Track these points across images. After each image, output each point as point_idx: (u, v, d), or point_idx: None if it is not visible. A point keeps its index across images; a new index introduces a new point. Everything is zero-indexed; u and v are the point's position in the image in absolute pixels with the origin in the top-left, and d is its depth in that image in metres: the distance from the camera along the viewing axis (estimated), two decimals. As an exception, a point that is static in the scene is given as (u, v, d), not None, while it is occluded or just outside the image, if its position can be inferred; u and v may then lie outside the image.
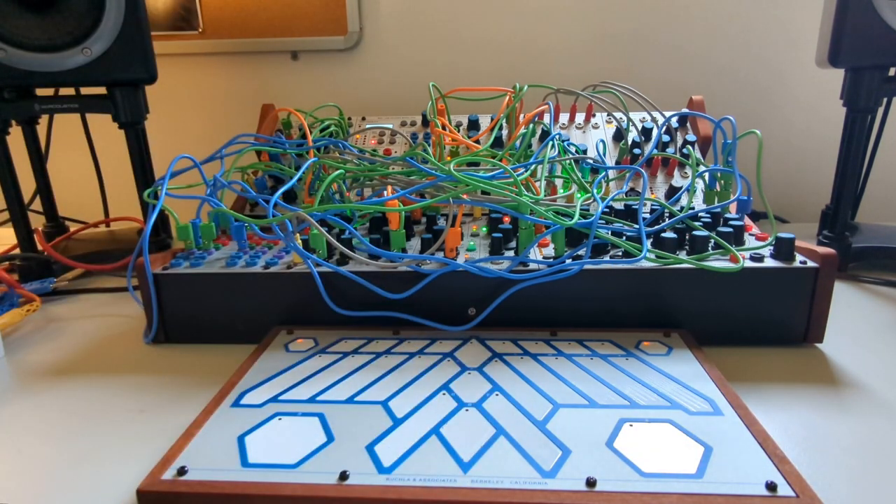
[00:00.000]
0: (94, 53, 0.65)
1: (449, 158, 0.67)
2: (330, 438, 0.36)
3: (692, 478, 0.32)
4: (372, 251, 0.52)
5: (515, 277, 0.49)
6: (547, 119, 0.76)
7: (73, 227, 0.89)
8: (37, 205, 0.86)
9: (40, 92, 0.71)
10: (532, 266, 0.51)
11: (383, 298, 0.50)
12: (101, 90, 0.69)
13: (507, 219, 0.60)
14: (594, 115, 0.80)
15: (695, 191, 0.66)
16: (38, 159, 0.82)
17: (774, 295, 0.50)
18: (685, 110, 0.77)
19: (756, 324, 0.51)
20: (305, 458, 0.34)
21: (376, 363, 0.46)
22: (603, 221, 0.55)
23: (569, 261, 0.50)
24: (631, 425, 0.37)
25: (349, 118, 0.83)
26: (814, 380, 0.46)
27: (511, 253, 0.54)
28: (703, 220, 0.58)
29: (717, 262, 0.50)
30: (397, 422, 0.38)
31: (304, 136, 0.73)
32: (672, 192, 0.68)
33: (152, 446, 0.39)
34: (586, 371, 0.44)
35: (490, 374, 0.44)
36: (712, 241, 0.53)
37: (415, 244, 0.58)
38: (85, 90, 0.72)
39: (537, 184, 0.57)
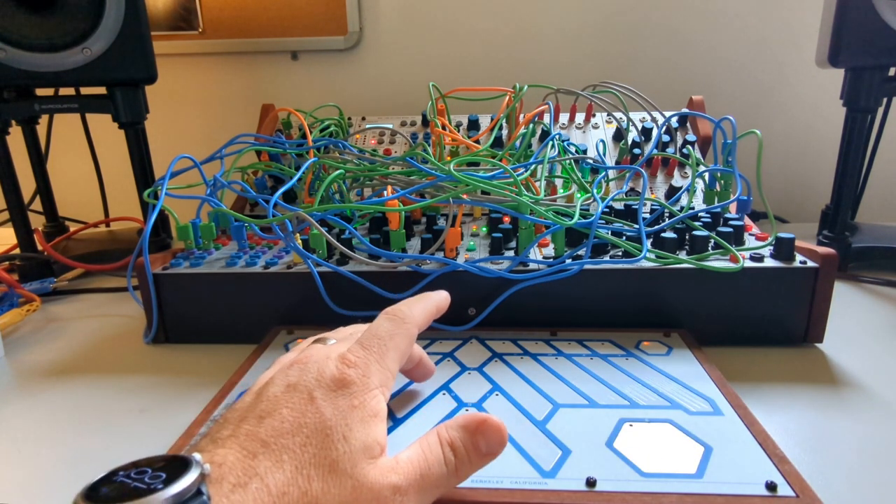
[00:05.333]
0: (94, 53, 0.65)
1: (449, 158, 0.67)
2: (330, 438, 0.36)
3: (692, 478, 0.32)
4: (372, 251, 0.52)
5: (515, 277, 0.49)
6: (547, 119, 0.76)
7: (73, 227, 0.89)
8: (37, 205, 0.86)
9: (40, 92, 0.71)
10: (532, 266, 0.51)
11: (383, 298, 0.50)
12: (101, 90, 0.69)
13: (507, 219, 0.60)
14: (594, 115, 0.80)
15: (695, 191, 0.66)
16: (38, 159, 0.83)
17: (774, 295, 0.50)
18: (685, 110, 0.77)
19: (756, 324, 0.51)
20: (305, 458, 0.34)
21: (376, 363, 0.46)
22: (603, 221, 0.55)
23: (569, 261, 0.50)
24: (631, 425, 0.37)
25: (349, 118, 0.83)
26: (814, 380, 0.46)
27: (511, 253, 0.54)
28: (703, 220, 0.58)
29: (717, 262, 0.50)
30: (397, 422, 0.38)
31: (304, 136, 0.73)
32: (672, 192, 0.68)
33: (152, 446, 0.39)
34: (586, 371, 0.44)
35: (490, 374, 0.44)
36: (712, 241, 0.53)
37: (415, 244, 0.58)
38: (85, 90, 0.72)
39: (537, 184, 0.57)
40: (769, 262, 0.50)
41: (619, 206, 0.59)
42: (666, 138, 0.75)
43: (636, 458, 0.34)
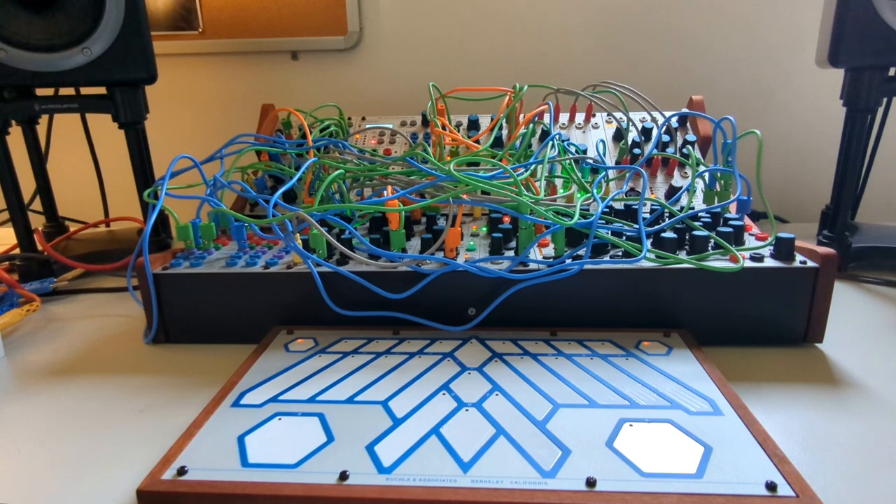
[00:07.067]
0: (94, 53, 0.65)
1: (449, 158, 0.67)
2: (330, 438, 0.36)
3: (692, 478, 0.32)
4: (372, 251, 0.52)
5: (515, 277, 0.49)
6: (547, 119, 0.76)
7: (73, 227, 0.89)
8: (37, 205, 0.86)
9: (40, 92, 0.71)
10: (532, 266, 0.51)
11: (383, 298, 0.50)
12: (101, 90, 0.69)
13: (507, 219, 0.60)
14: (594, 115, 0.80)
15: (695, 191, 0.66)
16: (38, 159, 0.82)
17: (774, 295, 0.50)
18: (685, 110, 0.77)
19: (756, 324, 0.51)
20: (305, 458, 0.34)
21: (376, 363, 0.46)
22: (603, 221, 0.55)
23: (569, 261, 0.50)
24: (631, 425, 0.37)
25: (349, 118, 0.83)
26: (814, 380, 0.46)
27: (511, 253, 0.54)
28: (703, 220, 0.58)
29: (717, 262, 0.50)
30: (397, 422, 0.38)
31: (304, 136, 0.73)
32: (672, 192, 0.68)
33: (152, 446, 0.39)
34: (586, 371, 0.44)
35: (490, 374, 0.44)
36: (712, 241, 0.53)
37: (415, 244, 0.58)
38: (85, 90, 0.72)
39: (537, 184, 0.57)
40: (769, 262, 0.50)
41: (619, 206, 0.59)
42: (666, 138, 0.75)
43: (636, 458, 0.34)
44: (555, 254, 0.53)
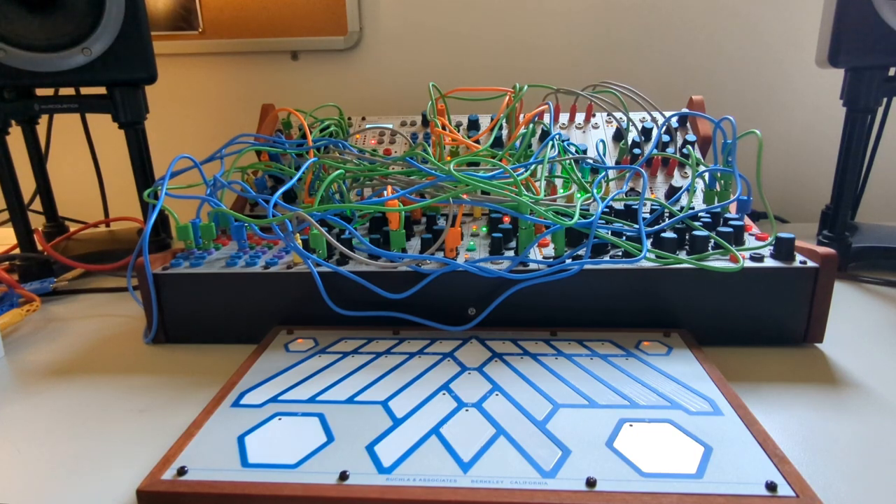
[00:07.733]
0: (94, 53, 0.65)
1: (449, 158, 0.67)
2: (330, 438, 0.36)
3: (692, 478, 0.32)
4: (372, 251, 0.52)
5: (515, 277, 0.49)
6: (547, 119, 0.76)
7: (73, 227, 0.89)
8: (37, 205, 0.86)
9: (40, 92, 0.71)
10: (532, 266, 0.51)
11: (383, 298, 0.50)
12: (101, 90, 0.69)
13: (507, 219, 0.60)
14: (594, 115, 0.80)
15: (695, 191, 0.66)
16: (38, 159, 0.82)
17: (774, 295, 0.50)
18: (685, 110, 0.77)
19: (756, 324, 0.51)
20: (305, 458, 0.34)
21: (376, 363, 0.46)
22: (603, 221, 0.55)
23: (569, 261, 0.50)
24: (631, 425, 0.37)
25: (349, 118, 0.83)
26: (814, 380, 0.46)
27: (511, 253, 0.54)
28: (703, 220, 0.58)
29: (717, 262, 0.50)
30: (397, 422, 0.38)
31: (304, 136, 0.73)
32: (672, 192, 0.68)
33: (152, 446, 0.39)
34: (586, 371, 0.44)
35: (490, 374, 0.44)
36: (712, 241, 0.53)
37: (415, 244, 0.58)
38: (85, 90, 0.72)
39: (537, 184, 0.57)
40: (769, 262, 0.50)
41: (619, 206, 0.59)
42: (666, 138, 0.75)
43: (636, 458, 0.34)
44: (555, 254, 0.53)
